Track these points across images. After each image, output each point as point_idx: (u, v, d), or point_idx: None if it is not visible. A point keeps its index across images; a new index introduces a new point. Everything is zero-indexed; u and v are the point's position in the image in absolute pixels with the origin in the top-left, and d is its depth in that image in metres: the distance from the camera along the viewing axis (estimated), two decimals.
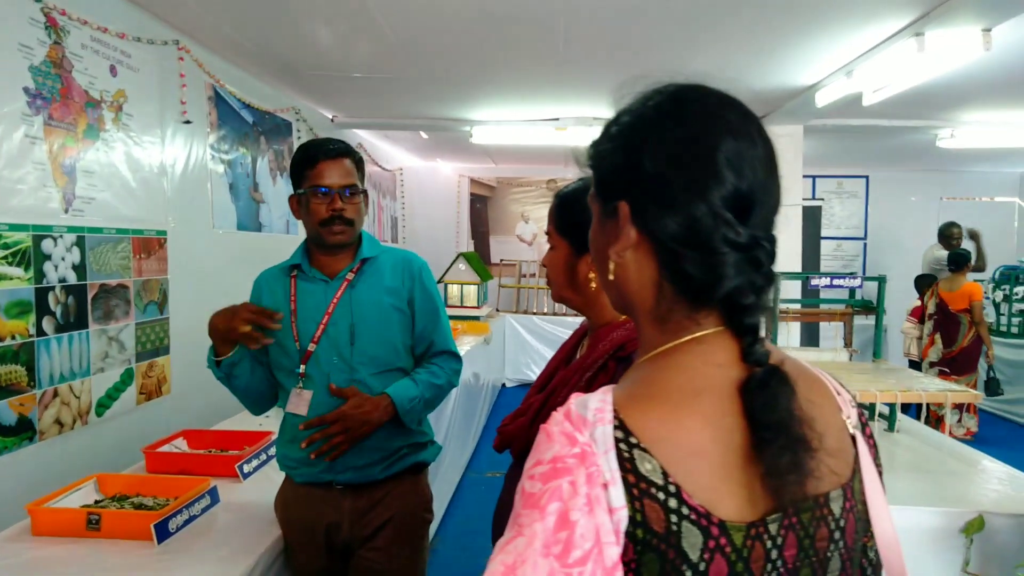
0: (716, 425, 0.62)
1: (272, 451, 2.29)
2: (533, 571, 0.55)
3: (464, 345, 4.93)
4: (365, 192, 1.83)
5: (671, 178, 0.66)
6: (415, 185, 8.28)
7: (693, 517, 0.59)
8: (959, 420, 5.70)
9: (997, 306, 6.85)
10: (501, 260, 8.85)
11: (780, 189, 0.70)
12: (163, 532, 1.71)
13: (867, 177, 8.45)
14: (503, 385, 7.43)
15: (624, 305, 0.75)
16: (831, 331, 6.49)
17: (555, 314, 7.61)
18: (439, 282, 6.15)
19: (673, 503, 0.58)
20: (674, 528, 0.58)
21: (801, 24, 3.23)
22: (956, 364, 5.53)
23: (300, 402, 1.74)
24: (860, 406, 0.76)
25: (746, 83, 4.27)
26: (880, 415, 3.10)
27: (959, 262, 5.66)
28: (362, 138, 6.30)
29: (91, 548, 1.67)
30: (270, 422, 2.48)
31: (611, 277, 0.73)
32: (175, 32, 3.30)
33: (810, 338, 6.68)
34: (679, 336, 0.67)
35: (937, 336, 5.68)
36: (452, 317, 5.86)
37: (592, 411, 0.62)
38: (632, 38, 3.51)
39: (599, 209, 0.74)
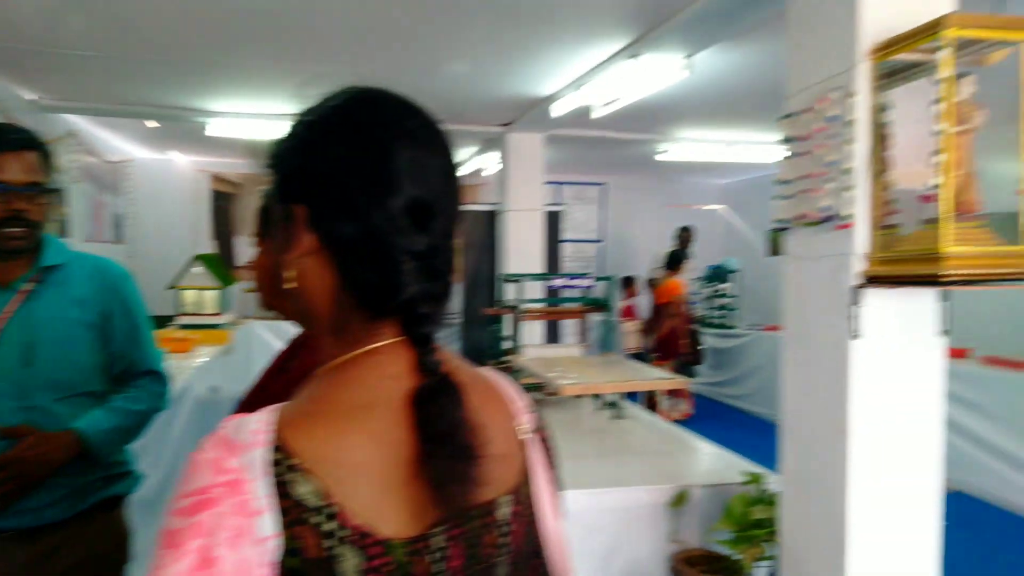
0: (382, 440, 0.60)
1: None
2: None
3: (201, 356, 4.53)
4: (53, 191, 1.57)
5: (348, 183, 0.64)
6: (145, 179, 7.43)
7: (351, 538, 0.56)
8: (673, 405, 6.45)
9: (707, 300, 7.88)
10: (248, 262, 8.30)
11: (460, 198, 0.71)
12: None
13: (605, 184, 9.23)
14: None
15: (302, 316, 0.70)
16: (570, 328, 7.01)
17: None
18: (171, 288, 5.60)
19: (329, 526, 0.56)
20: (329, 552, 0.55)
21: (534, 38, 3.40)
22: (662, 350, 6.25)
23: None
24: (536, 412, 0.77)
25: (490, 90, 4.45)
26: (610, 403, 3.38)
27: (668, 261, 6.43)
28: (76, 124, 5.51)
29: None
30: None
31: (288, 286, 0.68)
32: None
33: (552, 336, 7.14)
34: (356, 348, 0.65)
35: (648, 327, 6.41)
36: (187, 326, 5.38)
37: (248, 433, 0.58)
38: (376, 37, 3.44)
39: (277, 212, 0.70)
